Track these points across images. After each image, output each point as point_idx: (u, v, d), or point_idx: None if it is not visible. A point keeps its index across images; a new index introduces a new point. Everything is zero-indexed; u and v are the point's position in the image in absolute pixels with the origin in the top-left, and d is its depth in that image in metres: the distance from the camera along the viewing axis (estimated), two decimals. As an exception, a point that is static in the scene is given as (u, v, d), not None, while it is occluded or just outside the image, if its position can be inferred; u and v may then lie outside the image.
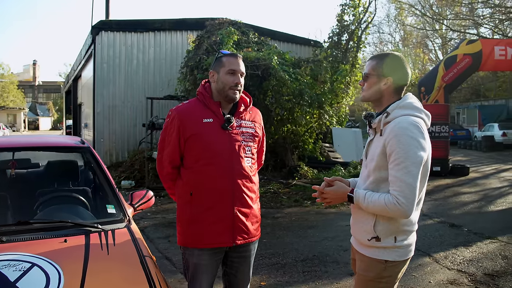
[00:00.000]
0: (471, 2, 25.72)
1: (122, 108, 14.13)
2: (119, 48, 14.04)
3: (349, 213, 7.22)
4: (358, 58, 16.68)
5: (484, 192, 10.80)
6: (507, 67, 14.84)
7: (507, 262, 5.42)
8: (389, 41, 46.26)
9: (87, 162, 3.74)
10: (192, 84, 11.24)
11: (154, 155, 10.47)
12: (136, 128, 14.07)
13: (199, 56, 11.44)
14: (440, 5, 28.71)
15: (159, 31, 14.58)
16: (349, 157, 15.08)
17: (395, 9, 38.25)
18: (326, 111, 12.95)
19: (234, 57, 2.70)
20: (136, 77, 14.27)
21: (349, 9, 16.22)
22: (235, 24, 13.01)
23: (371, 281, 2.24)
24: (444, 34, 34.32)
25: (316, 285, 4.67)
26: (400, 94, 2.32)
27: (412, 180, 2.07)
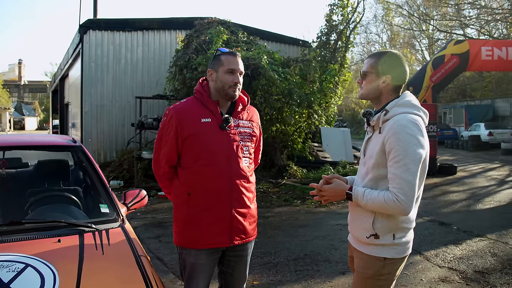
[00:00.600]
0: (457, 3, 25.95)
1: (110, 108, 14.02)
2: (107, 47, 13.94)
3: (339, 212, 7.31)
4: (346, 58, 16.77)
5: (472, 191, 10.91)
6: (494, 68, 15.02)
7: (496, 260, 5.48)
8: (376, 41, 46.55)
9: (79, 161, 3.68)
10: (182, 83, 11.19)
11: (143, 154, 10.42)
12: (124, 128, 13.97)
13: (188, 56, 11.39)
14: (427, 5, 28.91)
15: (148, 30, 14.49)
16: (338, 156, 15.13)
17: (382, 9, 38.46)
18: (315, 110, 12.98)
19: (233, 55, 2.66)
20: (124, 76, 14.17)
21: (337, 9, 16.29)
22: (224, 24, 12.99)
23: (370, 278, 2.25)
24: (431, 34, 34.60)
25: (308, 283, 4.67)
26: (398, 92, 2.33)
27: (412, 177, 2.07)
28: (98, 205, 3.09)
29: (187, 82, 10.93)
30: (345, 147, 16.32)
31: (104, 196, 3.12)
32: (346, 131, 17.52)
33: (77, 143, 3.58)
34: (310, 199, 9.44)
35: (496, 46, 13.30)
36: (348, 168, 13.67)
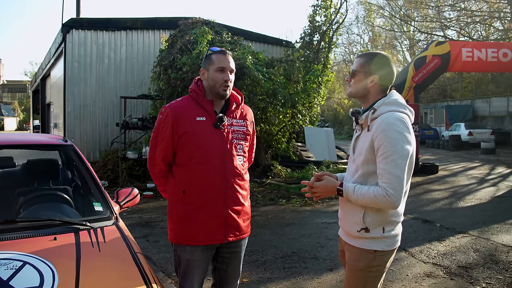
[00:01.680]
0: (438, 5, 26.34)
1: (94, 108, 13.92)
2: (90, 46, 13.83)
3: (324, 211, 7.39)
4: (329, 59, 16.91)
5: (453, 189, 11.13)
6: (474, 69, 15.29)
7: (478, 255, 5.63)
8: (358, 42, 46.99)
9: (71, 160, 3.68)
10: (166, 83, 11.17)
11: (128, 154, 10.38)
12: (107, 128, 13.89)
13: (172, 55, 11.37)
14: (408, 7, 29.28)
15: (131, 30, 14.42)
16: (322, 156, 15.26)
17: (364, 10, 38.83)
18: (299, 110, 13.08)
19: (223, 54, 2.70)
20: (107, 76, 14.08)
21: (320, 10, 16.43)
22: (208, 24, 13.00)
23: (361, 270, 2.32)
24: (412, 35, 35.05)
25: (297, 280, 4.74)
26: (386, 92, 2.40)
27: (400, 172, 2.15)
28: (92, 203, 3.11)
29: (172, 82, 10.92)
30: (328, 147, 16.46)
31: (97, 195, 3.14)
32: (329, 131, 17.67)
33: (69, 142, 3.59)
34: (295, 198, 9.52)
35: (476, 47, 13.55)
36: (331, 167, 13.80)
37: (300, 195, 9.91)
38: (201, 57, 10.59)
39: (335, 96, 37.96)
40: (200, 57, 10.60)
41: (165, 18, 14.96)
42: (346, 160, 16.70)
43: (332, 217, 7.92)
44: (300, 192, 10.31)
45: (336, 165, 14.61)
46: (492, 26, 27.80)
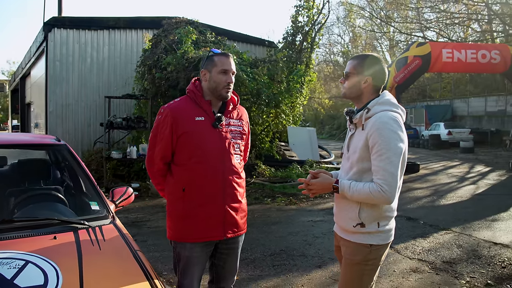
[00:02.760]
0: (418, 6, 26.73)
1: (76, 107, 13.78)
2: (73, 45, 13.70)
3: (309, 210, 7.49)
4: (311, 59, 17.06)
5: (435, 188, 11.35)
6: (454, 69, 15.58)
7: (462, 250, 5.79)
8: (338, 42, 47.39)
9: (64, 159, 3.68)
10: (151, 83, 11.14)
11: (112, 154, 10.33)
12: (90, 128, 13.78)
13: (157, 55, 11.35)
14: (389, 8, 29.64)
15: (114, 29, 14.32)
16: (305, 155, 15.38)
17: (344, 11, 39.18)
18: (283, 110, 13.18)
19: (226, 56, 2.75)
20: (90, 75, 13.96)
21: (303, 10, 16.54)
22: (192, 24, 12.99)
23: (358, 264, 2.40)
24: (392, 36, 35.48)
25: (287, 277, 4.81)
26: (378, 92, 2.50)
27: (394, 169, 2.25)
28: (88, 202, 3.12)
29: (156, 81, 10.90)
30: (311, 146, 16.58)
31: (93, 194, 3.15)
32: (312, 130, 17.79)
33: (62, 142, 3.59)
34: (280, 197, 9.60)
35: (456, 48, 13.82)
36: (315, 166, 13.93)
37: (285, 194, 10.00)
38: (186, 57, 10.62)
39: (316, 96, 38.19)
40: (185, 57, 10.62)
41: (148, 17, 14.91)
42: (329, 160, 16.88)
43: (317, 215, 8.02)
44: (285, 191, 10.42)
45: (319, 164, 14.76)
46: (470, 28, 28.32)
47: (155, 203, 9.13)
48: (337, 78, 45.01)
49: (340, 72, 45.17)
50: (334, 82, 45.69)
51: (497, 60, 13.66)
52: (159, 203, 9.08)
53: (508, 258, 5.46)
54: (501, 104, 25.66)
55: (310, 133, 17.18)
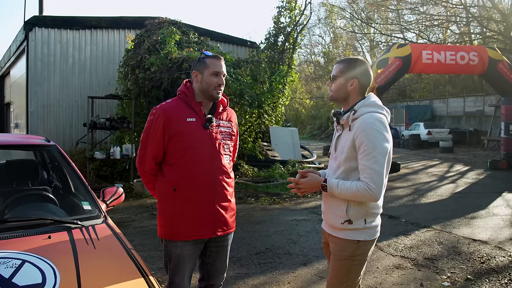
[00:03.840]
0: (398, 8, 27.08)
1: (58, 108, 13.67)
2: (54, 45, 13.58)
3: (292, 209, 7.60)
4: (293, 59, 17.21)
5: (415, 186, 11.56)
6: (434, 70, 15.83)
7: (443, 247, 5.95)
8: (319, 43, 47.67)
9: (54, 160, 3.69)
10: (134, 83, 11.12)
11: (96, 155, 10.28)
12: (72, 128, 13.68)
13: (140, 55, 11.33)
14: (370, 9, 29.97)
15: (96, 29, 14.23)
16: (287, 155, 15.49)
17: (325, 12, 39.43)
18: (266, 110, 13.28)
19: (217, 59, 2.82)
20: (72, 75, 13.85)
21: (285, 11, 16.66)
22: (175, 24, 13.00)
23: (346, 259, 2.50)
24: (372, 37, 35.84)
25: (273, 275, 4.89)
26: (364, 94, 2.61)
27: (380, 168, 2.35)
28: (80, 202, 3.15)
29: (139, 82, 10.88)
30: (293, 146, 16.71)
31: (84, 194, 3.18)
32: (294, 130, 17.92)
33: (51, 142, 3.60)
34: (264, 197, 9.68)
35: (436, 50, 14.05)
36: (297, 166, 14.06)
37: (269, 194, 10.09)
38: (170, 57, 10.63)
39: (296, 96, 38.42)
40: (169, 58, 10.63)
41: (131, 17, 14.85)
42: (311, 159, 17.03)
43: (300, 214, 8.12)
44: (268, 190, 10.51)
45: (302, 164, 14.89)
46: (449, 30, 28.79)
47: (140, 203, 9.13)
48: (318, 78, 45.32)
49: (321, 73, 45.49)
50: (315, 83, 45.99)
51: (475, 61, 13.94)
52: (143, 203, 9.08)
53: (487, 254, 5.63)
54: (479, 105, 26.16)
55: (292, 133, 17.32)
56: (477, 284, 4.63)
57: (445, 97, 29.75)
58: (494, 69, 14.13)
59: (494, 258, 5.47)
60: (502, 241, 6.26)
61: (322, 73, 45.37)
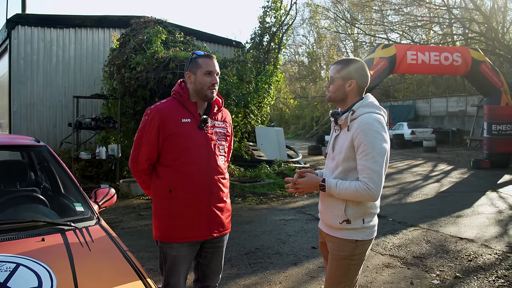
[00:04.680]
0: (382, 9, 27.29)
1: (41, 107, 13.46)
2: (38, 44, 13.38)
3: (280, 209, 7.61)
4: (279, 59, 17.25)
5: (401, 186, 11.67)
6: (418, 71, 15.98)
7: (430, 246, 6.02)
8: (303, 43, 47.82)
9: (44, 160, 3.62)
10: (120, 83, 11.01)
11: (81, 155, 10.17)
12: (56, 128, 13.50)
13: (126, 55, 11.23)
14: (354, 10, 30.15)
15: (80, 27, 14.05)
16: (272, 155, 15.51)
17: (309, 12, 39.56)
18: (252, 110, 13.28)
19: (209, 58, 2.79)
20: (55, 74, 13.66)
21: (271, 11, 16.69)
22: (161, 23, 12.91)
23: (345, 259, 2.51)
24: (356, 38, 36.06)
25: (264, 275, 4.89)
26: (362, 94, 2.62)
27: (379, 168, 2.36)
28: (72, 204, 3.10)
29: (125, 81, 10.78)
30: (278, 146, 16.73)
31: (76, 195, 3.13)
32: (280, 130, 17.95)
33: (41, 143, 3.53)
34: (251, 197, 9.68)
35: (420, 51, 14.19)
36: (283, 166, 14.08)
37: (255, 194, 10.08)
38: (156, 57, 10.56)
39: (281, 96, 38.52)
40: (155, 57, 10.56)
41: (116, 16, 14.70)
42: (296, 159, 17.07)
43: (288, 214, 8.13)
44: (255, 190, 10.50)
45: (287, 164, 14.92)
46: (432, 30, 29.10)
47: (126, 204, 9.06)
48: (302, 78, 45.51)
49: (305, 73, 45.69)
50: (299, 82, 46.15)
51: (459, 62, 14.11)
52: (129, 204, 9.01)
53: (474, 252, 5.71)
54: (462, 105, 26.50)
55: (278, 133, 17.34)
56: (466, 281, 4.69)
57: (428, 97, 30.08)
58: (477, 69, 14.33)
59: (481, 256, 5.54)
60: (488, 239, 6.35)
61: (306, 73, 45.57)
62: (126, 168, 11.52)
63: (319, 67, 45.37)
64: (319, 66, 45.45)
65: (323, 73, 44.49)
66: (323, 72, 44.56)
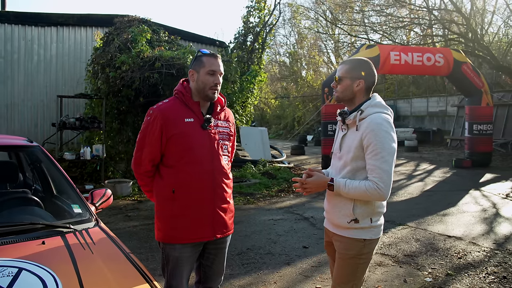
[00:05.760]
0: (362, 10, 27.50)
1: (22, 107, 13.23)
2: (18, 42, 13.14)
3: (268, 209, 7.60)
4: (262, 59, 17.26)
5: (385, 185, 11.72)
6: (401, 71, 16.10)
7: (420, 244, 6.09)
8: (284, 43, 47.94)
9: (38, 161, 3.53)
10: (105, 82, 10.88)
11: (65, 155, 10.02)
12: (37, 128, 13.29)
13: (110, 54, 11.09)
14: (336, 10, 30.32)
15: (62, 26, 13.84)
16: (257, 155, 15.49)
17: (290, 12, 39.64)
18: (237, 110, 13.26)
19: (214, 57, 2.75)
20: (37, 74, 13.44)
21: (254, 11, 16.70)
22: (145, 22, 12.78)
23: (353, 258, 2.52)
24: (337, 38, 36.28)
25: (258, 275, 4.88)
26: (369, 93, 2.63)
27: (389, 168, 2.37)
28: (69, 205, 3.03)
29: (110, 81, 10.66)
30: (263, 146, 16.73)
31: (73, 196, 3.07)
32: (264, 130, 17.94)
33: (34, 143, 3.45)
34: (238, 197, 9.64)
35: (403, 51, 14.32)
36: (268, 166, 14.08)
37: (242, 194, 10.05)
38: (141, 56, 10.46)
39: (262, 95, 38.52)
40: (141, 56, 10.46)
41: (98, 15, 14.52)
42: (281, 159, 17.09)
43: (277, 214, 8.13)
44: (241, 190, 10.46)
45: (272, 164, 14.93)
46: (413, 31, 29.45)
47: (112, 205, 8.88)
48: (283, 78, 45.59)
49: (287, 73, 45.77)
50: (280, 82, 46.21)
51: (441, 63, 14.28)
52: (116, 205, 8.90)
53: (463, 249, 5.79)
54: (442, 105, 26.84)
55: (262, 133, 17.33)
56: (458, 278, 4.75)
57: (409, 97, 30.40)
58: (458, 70, 14.53)
59: (470, 253, 5.62)
60: (475, 236, 6.44)
61: (287, 73, 45.67)
62: (110, 169, 11.42)
63: (300, 67, 45.54)
64: (300, 66, 45.62)
65: (304, 73, 44.68)
66: (304, 72, 44.75)
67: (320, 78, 39.72)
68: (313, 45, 42.67)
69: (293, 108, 41.03)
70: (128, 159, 11.89)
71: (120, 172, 11.44)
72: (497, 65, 21.26)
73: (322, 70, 43.63)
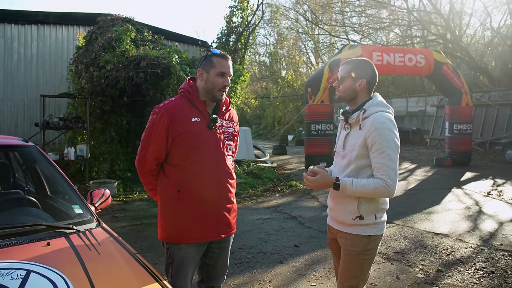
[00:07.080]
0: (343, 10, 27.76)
1: (2, 107, 12.98)
2: (-3, 40, 12.93)
3: (255, 208, 7.62)
4: (245, 59, 17.29)
5: (370, 184, 11.85)
6: (383, 71, 16.24)
7: (408, 241, 6.20)
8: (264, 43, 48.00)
9: (34, 161, 3.47)
10: (89, 81, 10.74)
11: (49, 156, 9.85)
12: (18, 128, 13.04)
13: (94, 53, 10.96)
14: (316, 10, 30.52)
15: (43, 24, 13.62)
16: (240, 155, 15.47)
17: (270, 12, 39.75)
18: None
19: (224, 58, 2.72)
20: (17, 73, 13.20)
21: (237, 11, 16.72)
22: (129, 21, 12.66)
23: (359, 254, 2.57)
24: (317, 38, 36.52)
25: (252, 274, 4.89)
26: (371, 93, 2.69)
27: (395, 165, 2.43)
28: (70, 206, 2.99)
29: (95, 80, 10.53)
30: (246, 146, 16.73)
31: (73, 197, 3.03)
32: (247, 130, 17.96)
33: (30, 143, 3.39)
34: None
35: (385, 52, 14.52)
36: (252, 166, 14.12)
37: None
38: (126, 55, 10.36)
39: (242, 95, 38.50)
40: (125, 55, 10.36)
41: (80, 13, 14.32)
42: (264, 159, 17.13)
43: (264, 213, 8.15)
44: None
45: (256, 164, 14.96)
46: (393, 32, 29.83)
47: (98, 205, 8.84)
48: (264, 78, 45.65)
49: (267, 73, 45.84)
50: (260, 82, 46.27)
51: (422, 64, 14.51)
52: (101, 205, 8.80)
53: (451, 246, 5.90)
54: (421, 105, 27.22)
55: (245, 133, 17.34)
56: (448, 274, 4.85)
57: (388, 97, 30.68)
58: (439, 71, 14.78)
59: (458, 250, 5.74)
60: (462, 233, 6.57)
61: (267, 74, 45.77)
62: (95, 169, 11.28)
63: (280, 67, 45.67)
64: (280, 66, 45.75)
65: (284, 73, 44.82)
66: (284, 72, 44.89)
67: (300, 78, 39.93)
68: (294, 45, 42.85)
69: (274, 108, 41.13)
70: (112, 159, 11.78)
71: (104, 173, 11.32)
72: (475, 66, 21.67)
73: (302, 70, 43.86)
